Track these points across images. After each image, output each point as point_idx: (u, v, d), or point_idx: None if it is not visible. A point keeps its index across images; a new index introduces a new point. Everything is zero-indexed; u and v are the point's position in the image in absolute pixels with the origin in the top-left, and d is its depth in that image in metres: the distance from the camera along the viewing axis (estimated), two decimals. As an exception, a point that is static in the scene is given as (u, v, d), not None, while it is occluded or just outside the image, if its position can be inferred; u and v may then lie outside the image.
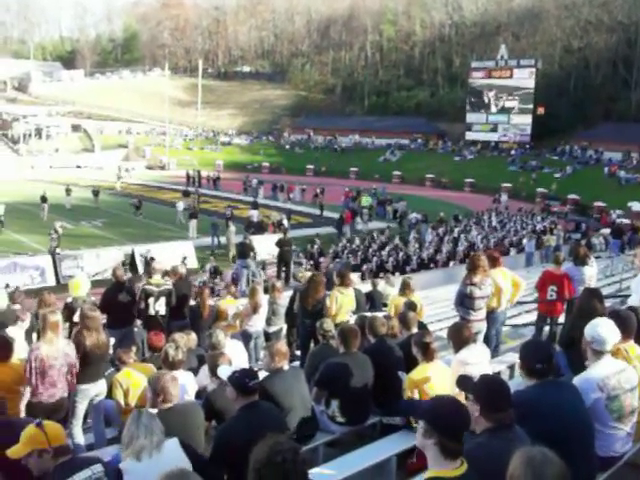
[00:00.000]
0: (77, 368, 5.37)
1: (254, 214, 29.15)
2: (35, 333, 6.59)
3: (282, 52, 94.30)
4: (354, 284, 8.56)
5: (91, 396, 5.56)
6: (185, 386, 4.93)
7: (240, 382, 3.84)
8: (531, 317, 10.04)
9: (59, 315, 5.37)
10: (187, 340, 6.00)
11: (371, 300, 10.39)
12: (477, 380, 3.16)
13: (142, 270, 18.56)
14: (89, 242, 24.13)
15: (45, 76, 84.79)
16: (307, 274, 9.41)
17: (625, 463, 3.84)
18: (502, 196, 42.43)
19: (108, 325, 7.79)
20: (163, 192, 43.41)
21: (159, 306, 8.38)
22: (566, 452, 2.47)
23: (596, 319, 4.00)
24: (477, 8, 75.81)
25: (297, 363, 7.38)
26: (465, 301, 6.92)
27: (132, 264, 20.08)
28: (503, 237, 26.03)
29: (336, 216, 31.05)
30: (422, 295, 9.89)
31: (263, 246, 21.74)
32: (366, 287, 11.41)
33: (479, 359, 4.88)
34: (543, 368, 3.48)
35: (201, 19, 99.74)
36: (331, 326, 5.82)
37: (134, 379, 5.38)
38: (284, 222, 26.99)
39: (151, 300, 8.34)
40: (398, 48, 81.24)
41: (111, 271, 9.20)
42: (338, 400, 5.04)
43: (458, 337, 4.94)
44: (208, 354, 5.35)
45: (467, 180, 49.41)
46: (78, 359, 5.39)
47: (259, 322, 8.78)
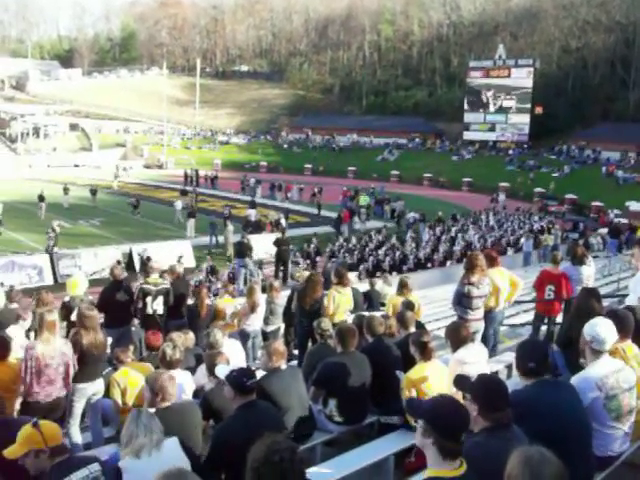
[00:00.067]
0: (76, 367, 5.36)
1: (252, 213, 29.17)
2: (33, 332, 6.57)
3: (280, 51, 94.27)
4: (352, 283, 8.56)
5: (88, 395, 5.55)
6: (183, 385, 4.92)
7: (238, 381, 3.84)
8: (529, 317, 10.04)
9: (56, 314, 5.37)
10: (185, 339, 6.00)
11: (369, 299, 10.39)
12: (475, 379, 3.16)
13: (138, 269, 18.56)
14: (87, 241, 24.09)
15: (43, 75, 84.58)
16: (305, 273, 9.39)
17: (623, 463, 3.84)
18: (500, 196, 42.43)
19: (106, 324, 7.78)
20: (161, 191, 43.33)
21: (157, 305, 8.37)
22: (564, 452, 2.47)
23: (595, 318, 4.00)
24: (475, 8, 75.86)
25: (295, 362, 7.37)
26: (463, 300, 6.91)
27: (129, 263, 20.06)
28: (500, 237, 26.04)
29: (334, 215, 31.06)
30: (420, 294, 9.89)
31: (261, 245, 21.75)
32: (364, 286, 11.41)
33: (477, 358, 4.89)
34: (537, 367, 3.48)
35: (199, 18, 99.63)
36: (329, 325, 5.81)
37: (132, 378, 5.38)
38: (282, 221, 27.00)
39: (149, 299, 8.32)
40: (396, 48, 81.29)
41: (109, 270, 9.18)
42: (336, 399, 5.04)
43: (456, 336, 4.95)
44: (206, 353, 5.34)
45: (465, 179, 49.43)
46: (75, 358, 5.38)
47: (257, 321, 8.78)
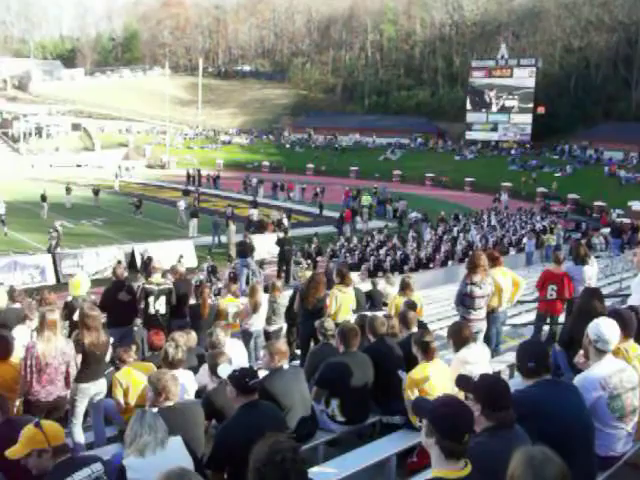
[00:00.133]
0: (77, 367, 5.36)
1: (254, 213, 29.17)
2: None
3: (282, 51, 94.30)
4: (354, 283, 8.56)
5: (91, 395, 5.55)
6: (185, 385, 4.92)
7: (240, 381, 3.84)
8: (531, 316, 10.03)
9: (57, 313, 5.37)
10: (187, 339, 6.00)
11: (371, 299, 10.39)
12: (477, 379, 3.16)
13: (141, 269, 18.54)
14: (89, 241, 24.12)
15: (45, 75, 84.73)
16: (307, 273, 9.40)
17: (625, 463, 3.83)
18: (502, 195, 42.39)
19: (108, 324, 7.78)
20: (163, 191, 43.38)
21: (159, 305, 8.38)
22: (566, 452, 2.47)
23: (599, 318, 4.00)
24: (477, 8, 75.77)
25: (297, 362, 7.37)
26: (465, 300, 6.90)
27: (132, 263, 20.08)
28: (502, 236, 26.00)
29: (336, 215, 31.05)
30: (422, 294, 9.88)
31: (263, 245, 21.74)
32: (366, 286, 11.40)
33: (479, 358, 4.89)
34: (537, 367, 3.48)
35: (201, 18, 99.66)
36: (332, 325, 5.81)
37: (134, 378, 5.38)
38: (284, 221, 26.98)
39: (151, 299, 8.34)
40: (398, 48, 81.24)
41: (111, 270, 9.19)
42: (338, 399, 5.04)
43: (458, 336, 4.95)
44: (208, 353, 5.34)
45: (467, 179, 49.36)
46: (79, 358, 5.38)
47: (259, 321, 8.77)
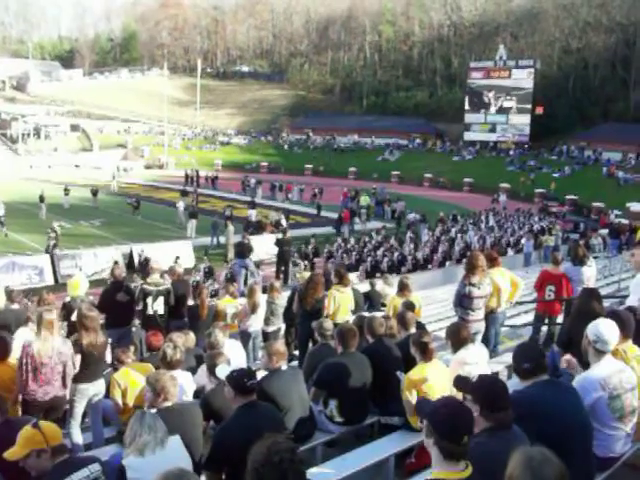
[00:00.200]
0: (76, 368, 5.35)
1: (252, 214, 29.16)
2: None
3: (281, 52, 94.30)
4: (352, 283, 8.56)
5: (90, 396, 5.54)
6: (183, 386, 4.92)
7: (238, 382, 3.83)
8: (529, 317, 10.03)
9: (55, 313, 5.35)
10: (185, 340, 5.99)
11: (369, 300, 10.36)
12: (475, 380, 3.16)
13: (137, 269, 18.51)
14: (87, 242, 24.10)
15: (44, 75, 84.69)
16: (306, 274, 9.39)
17: (624, 464, 3.83)
18: (501, 196, 42.43)
19: (106, 325, 7.77)
20: (161, 191, 43.32)
21: (157, 306, 8.36)
22: (565, 452, 2.47)
23: (599, 319, 4.00)
24: (476, 8, 75.86)
25: (295, 363, 7.37)
26: (464, 301, 6.90)
27: (130, 263, 20.06)
28: (500, 237, 26.00)
29: (335, 216, 31.03)
30: (420, 295, 9.86)
31: (261, 246, 21.73)
32: (364, 287, 11.39)
33: (477, 359, 4.88)
34: (532, 367, 3.50)
35: (200, 19, 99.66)
36: (330, 325, 5.81)
37: (132, 379, 5.38)
38: (282, 222, 26.96)
39: (149, 300, 8.32)
40: (397, 48, 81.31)
41: (109, 271, 9.18)
42: (336, 400, 5.04)
43: (456, 337, 4.95)
44: (206, 354, 5.34)
45: (465, 180, 49.41)
46: (77, 359, 5.37)
47: (257, 322, 8.77)
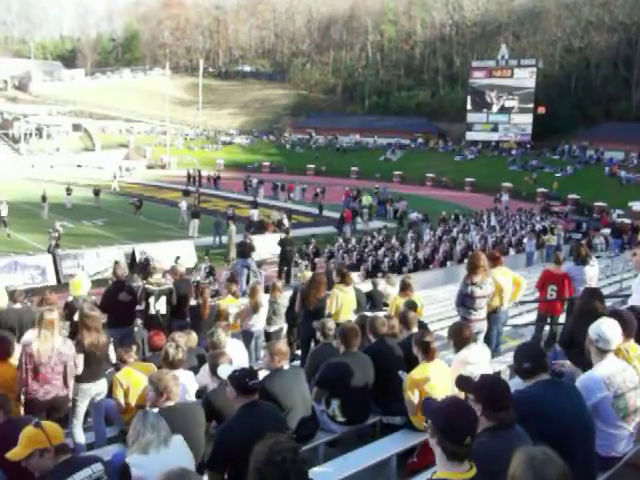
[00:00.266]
0: (76, 368, 5.34)
1: (254, 213, 29.17)
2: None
3: (283, 51, 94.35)
4: (354, 283, 8.56)
5: (92, 395, 5.55)
6: (185, 385, 4.92)
7: (240, 381, 3.84)
8: (532, 317, 10.02)
9: (56, 313, 5.32)
10: (187, 339, 5.99)
11: (372, 300, 10.37)
12: (477, 380, 3.16)
13: (136, 269, 18.48)
14: (90, 241, 24.10)
15: (46, 75, 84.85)
16: (308, 274, 9.39)
17: (626, 463, 3.83)
18: (503, 196, 42.40)
19: (108, 324, 7.78)
20: (163, 191, 43.35)
21: (159, 305, 8.38)
22: (567, 452, 2.47)
23: (601, 318, 4.00)
24: (478, 8, 75.82)
25: (298, 363, 7.37)
26: (466, 301, 6.89)
27: (132, 263, 20.05)
28: (502, 237, 25.96)
29: (337, 215, 31.02)
30: (422, 294, 9.87)
31: (263, 246, 21.73)
32: (366, 287, 11.39)
33: (479, 359, 4.88)
34: (533, 367, 3.51)
35: (202, 18, 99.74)
36: (333, 325, 5.81)
37: (135, 378, 5.38)
38: (284, 222, 26.95)
39: (151, 299, 8.34)
40: (399, 48, 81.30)
41: (111, 270, 9.19)
42: (338, 400, 5.04)
43: (458, 337, 4.94)
44: (209, 353, 5.34)
45: (468, 180, 49.40)
46: (80, 359, 5.37)
47: (259, 321, 8.77)
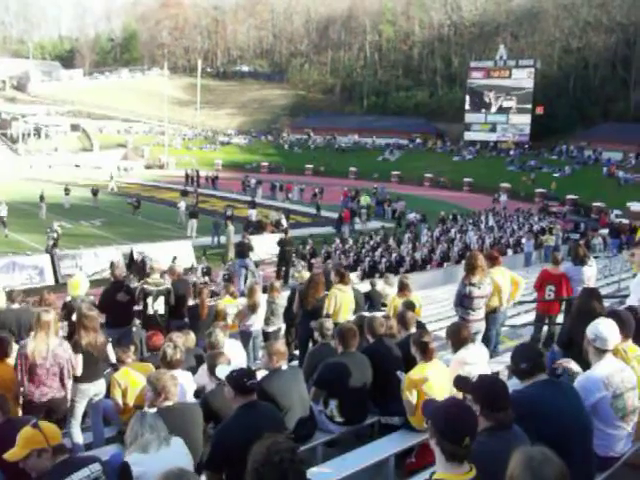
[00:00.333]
0: (75, 369, 5.32)
1: (252, 214, 29.16)
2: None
3: (281, 52, 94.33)
4: (352, 282, 8.56)
5: (90, 396, 5.54)
6: (183, 386, 4.91)
7: (238, 382, 3.83)
8: (530, 317, 10.04)
9: (52, 314, 5.26)
10: (185, 340, 5.99)
11: (370, 300, 10.36)
12: (476, 380, 3.16)
13: (132, 270, 18.46)
14: (88, 241, 24.08)
15: (44, 75, 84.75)
16: (304, 274, 9.38)
17: (624, 463, 3.83)
18: (501, 196, 42.42)
19: (107, 324, 7.77)
20: (161, 191, 43.32)
21: (158, 306, 8.36)
22: (565, 452, 2.47)
23: (599, 318, 4.01)
24: (476, 8, 75.87)
25: (296, 363, 7.37)
26: (464, 301, 6.90)
27: (130, 264, 20.03)
28: (500, 237, 25.96)
29: (335, 216, 31.01)
30: (421, 295, 9.87)
31: (262, 246, 21.72)
32: (364, 287, 11.38)
33: (478, 359, 4.88)
34: (529, 367, 3.51)
35: (200, 19, 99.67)
36: (331, 325, 5.81)
37: (132, 378, 5.38)
38: (283, 222, 26.94)
39: (150, 300, 8.32)
40: (397, 48, 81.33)
41: (109, 270, 9.17)
42: (337, 400, 5.03)
43: (457, 337, 4.94)
44: (207, 354, 5.34)
45: (466, 180, 49.41)
46: (79, 359, 5.35)
47: (258, 322, 8.77)
